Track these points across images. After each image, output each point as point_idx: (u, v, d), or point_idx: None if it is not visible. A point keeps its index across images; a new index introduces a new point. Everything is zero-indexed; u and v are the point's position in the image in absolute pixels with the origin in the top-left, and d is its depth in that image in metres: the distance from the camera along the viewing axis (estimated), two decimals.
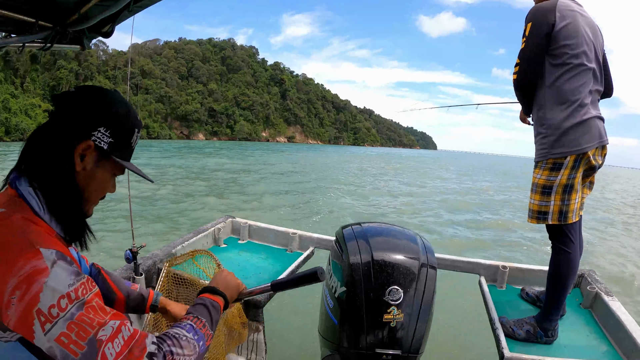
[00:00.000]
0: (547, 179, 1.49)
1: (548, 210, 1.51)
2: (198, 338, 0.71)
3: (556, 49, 1.45)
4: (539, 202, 1.53)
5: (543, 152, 1.52)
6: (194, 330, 0.72)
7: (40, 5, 1.20)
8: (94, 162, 0.73)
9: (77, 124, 0.71)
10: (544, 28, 1.43)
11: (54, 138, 0.70)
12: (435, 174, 25.67)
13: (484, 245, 6.56)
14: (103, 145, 0.72)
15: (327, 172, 20.11)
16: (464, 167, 34.91)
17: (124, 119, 0.76)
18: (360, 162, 31.67)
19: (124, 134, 0.76)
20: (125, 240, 5.25)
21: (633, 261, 6.14)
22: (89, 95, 0.74)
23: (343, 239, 1.40)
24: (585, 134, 1.45)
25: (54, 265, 0.60)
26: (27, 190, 0.68)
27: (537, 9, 1.48)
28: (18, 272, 0.58)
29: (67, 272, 0.61)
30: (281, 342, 2.64)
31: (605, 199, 16.15)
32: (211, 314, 0.79)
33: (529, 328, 1.55)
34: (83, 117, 0.71)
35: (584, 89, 1.46)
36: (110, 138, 0.73)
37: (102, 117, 0.72)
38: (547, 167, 1.50)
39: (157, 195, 9.31)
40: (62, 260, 0.62)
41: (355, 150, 77.80)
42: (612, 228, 9.24)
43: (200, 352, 0.71)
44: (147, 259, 1.83)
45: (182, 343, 0.68)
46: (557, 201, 1.49)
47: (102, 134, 0.72)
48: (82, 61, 65.60)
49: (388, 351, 1.17)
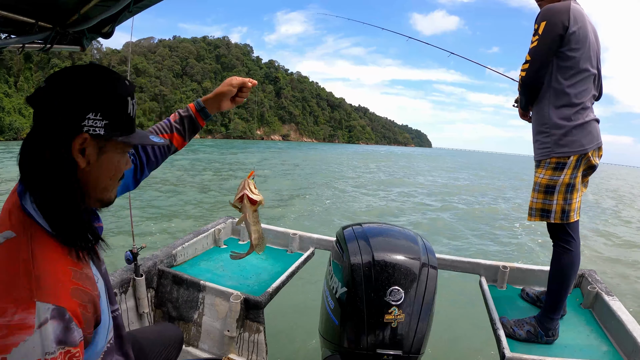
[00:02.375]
0: (551, 178, 1.51)
1: (551, 209, 1.53)
2: None
3: (566, 52, 1.46)
4: (542, 200, 1.55)
5: (546, 151, 1.53)
6: None
7: (40, 6, 1.20)
8: (97, 152, 0.67)
9: (64, 121, 0.63)
10: (558, 29, 1.44)
11: (46, 145, 0.63)
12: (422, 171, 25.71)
13: (482, 244, 6.57)
14: (99, 131, 0.65)
15: (322, 170, 20.09)
16: (448, 166, 34.97)
17: (111, 93, 0.66)
18: (348, 161, 31.61)
19: (116, 109, 0.67)
20: (126, 241, 5.25)
21: (633, 261, 6.14)
22: (62, 83, 0.64)
23: (344, 239, 1.40)
24: (587, 135, 1.48)
25: (42, 326, 0.55)
26: (32, 207, 0.63)
27: (551, 9, 1.48)
28: (4, 315, 0.54)
29: (51, 337, 0.55)
30: (282, 343, 2.64)
31: (604, 200, 16.17)
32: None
33: (529, 328, 1.56)
34: (67, 111, 0.62)
35: (587, 93, 1.50)
36: (104, 120, 0.65)
37: (86, 102, 0.63)
38: (551, 167, 1.52)
39: (157, 196, 9.31)
40: (55, 320, 0.56)
41: (349, 149, 78.07)
42: (612, 228, 9.25)
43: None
44: (147, 260, 1.82)
45: None
46: (560, 200, 1.51)
47: (94, 119, 0.64)
48: (75, 60, 65.38)
49: (389, 351, 1.17)
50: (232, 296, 1.63)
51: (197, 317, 1.74)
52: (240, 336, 1.64)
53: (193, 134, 1.12)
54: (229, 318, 1.61)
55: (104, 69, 0.69)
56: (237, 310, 1.60)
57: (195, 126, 1.11)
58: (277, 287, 1.75)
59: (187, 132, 1.10)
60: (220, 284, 1.74)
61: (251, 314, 1.63)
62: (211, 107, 1.11)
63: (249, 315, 1.64)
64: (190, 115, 1.09)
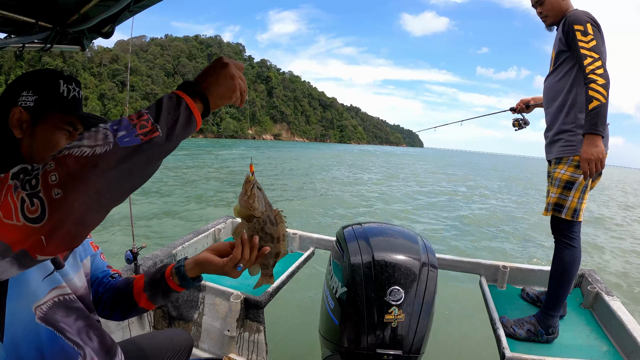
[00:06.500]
0: (572, 175, 1.54)
1: (565, 205, 1.56)
2: (118, 128, 0.51)
3: None
4: (559, 195, 1.58)
5: (570, 149, 1.56)
6: (119, 122, 0.53)
7: (41, 5, 1.20)
8: (31, 124, 0.76)
9: (4, 99, 0.76)
10: (601, 29, 1.48)
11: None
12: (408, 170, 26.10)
13: (481, 243, 6.57)
14: (29, 103, 0.76)
15: (321, 169, 20.15)
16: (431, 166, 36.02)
17: (42, 76, 0.79)
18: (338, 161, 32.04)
19: (46, 87, 0.78)
20: (126, 241, 5.25)
21: (634, 260, 6.14)
22: (16, 79, 0.80)
23: (344, 239, 1.40)
24: (606, 138, 1.51)
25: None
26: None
27: (585, 12, 1.51)
28: None
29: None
30: (282, 343, 2.63)
31: (602, 198, 16.17)
32: (161, 107, 0.56)
33: (529, 327, 1.57)
34: (7, 92, 0.77)
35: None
36: (35, 95, 0.76)
37: (22, 85, 0.77)
38: (573, 164, 1.55)
39: (157, 196, 9.31)
40: None
41: (340, 148, 78.50)
42: (611, 228, 9.25)
43: (119, 144, 0.50)
44: (147, 260, 1.82)
45: (85, 134, 0.50)
46: (575, 198, 1.55)
47: (26, 96, 0.76)
48: (67, 58, 65.23)
49: (389, 351, 1.16)
50: (232, 296, 1.63)
51: (197, 317, 1.74)
52: (241, 336, 1.64)
53: (152, 285, 0.93)
54: (229, 318, 1.61)
55: (50, 69, 0.82)
56: (237, 310, 1.60)
57: (162, 274, 0.92)
58: (277, 287, 1.75)
59: (150, 280, 0.93)
60: (220, 283, 1.74)
61: (251, 314, 1.63)
62: (197, 265, 0.90)
63: (249, 315, 1.64)
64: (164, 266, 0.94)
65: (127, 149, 0.50)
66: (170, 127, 0.54)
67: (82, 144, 0.49)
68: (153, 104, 0.57)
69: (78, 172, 0.47)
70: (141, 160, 0.52)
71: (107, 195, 0.50)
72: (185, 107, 0.57)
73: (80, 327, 0.77)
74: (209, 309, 1.72)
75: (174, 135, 0.55)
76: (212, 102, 0.62)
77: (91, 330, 0.80)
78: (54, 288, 0.74)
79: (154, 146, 0.53)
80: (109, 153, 0.49)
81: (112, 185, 0.50)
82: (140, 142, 0.51)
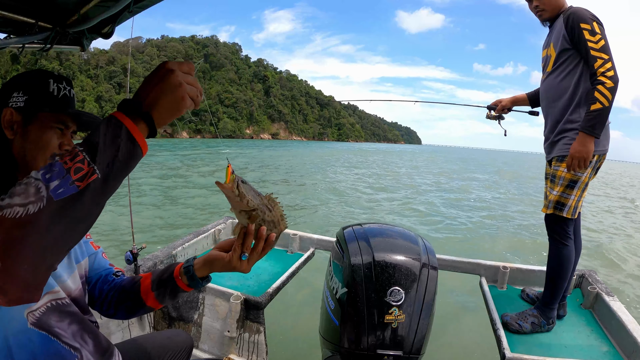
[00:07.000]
0: (575, 173, 1.54)
1: (567, 203, 1.56)
2: (51, 177, 0.46)
3: None
4: (561, 193, 1.57)
5: None
6: (51, 168, 0.47)
7: (40, 6, 1.20)
8: (22, 124, 0.76)
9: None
10: (604, 28, 1.47)
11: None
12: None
13: (480, 243, 6.57)
14: (20, 104, 0.76)
15: (320, 168, 20.16)
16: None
17: (32, 77, 0.80)
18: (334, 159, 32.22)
19: (36, 87, 0.79)
20: (126, 241, 5.25)
21: (634, 260, 6.14)
22: (7, 81, 0.81)
23: (344, 239, 1.40)
24: (607, 137, 1.54)
25: None
26: None
27: (586, 10, 1.49)
28: None
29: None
30: (282, 343, 2.63)
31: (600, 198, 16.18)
32: (98, 141, 0.49)
33: (533, 319, 1.61)
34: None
35: None
36: (25, 96, 0.77)
37: (12, 86, 0.78)
38: None
39: (157, 196, 9.30)
40: None
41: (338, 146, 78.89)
42: (611, 227, 9.25)
43: (53, 197, 0.45)
44: (147, 260, 1.82)
45: (16, 190, 0.45)
46: (576, 196, 1.56)
47: (17, 96, 0.77)
48: (63, 60, 65.09)
49: (389, 352, 1.16)
50: (233, 297, 1.63)
51: (198, 318, 1.74)
52: (241, 337, 1.64)
53: (160, 285, 0.91)
54: (229, 318, 1.61)
55: (41, 70, 0.83)
56: (238, 310, 1.60)
57: (170, 274, 0.91)
58: (277, 287, 1.75)
59: (157, 280, 0.92)
60: (220, 284, 1.74)
61: (251, 315, 1.63)
62: (206, 264, 0.90)
63: (249, 315, 1.64)
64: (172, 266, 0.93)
65: (63, 200, 0.45)
66: (108, 165, 0.48)
67: (14, 202, 0.43)
68: (90, 134, 0.50)
69: (13, 238, 0.42)
70: (83, 207, 0.47)
71: (59, 244, 0.47)
72: (126, 133, 0.50)
73: (74, 330, 0.77)
74: (209, 309, 1.72)
75: (113, 175, 0.49)
76: (159, 121, 0.54)
77: (86, 333, 0.79)
78: (47, 293, 0.73)
79: (94, 191, 0.47)
80: (44, 210, 0.44)
81: (58, 237, 0.46)
82: (77, 190, 0.46)
